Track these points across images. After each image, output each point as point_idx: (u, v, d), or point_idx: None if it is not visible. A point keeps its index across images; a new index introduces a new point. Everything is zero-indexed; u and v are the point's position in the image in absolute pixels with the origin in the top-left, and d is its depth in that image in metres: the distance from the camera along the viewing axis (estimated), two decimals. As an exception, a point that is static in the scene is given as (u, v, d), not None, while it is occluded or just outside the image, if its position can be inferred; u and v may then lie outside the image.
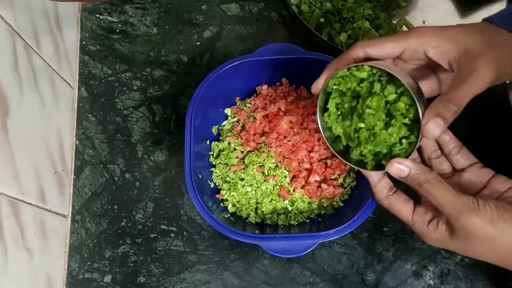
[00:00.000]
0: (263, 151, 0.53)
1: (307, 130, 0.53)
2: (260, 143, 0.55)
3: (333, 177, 0.54)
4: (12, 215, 0.46)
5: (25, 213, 0.48)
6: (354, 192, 0.54)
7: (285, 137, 0.54)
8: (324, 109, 0.45)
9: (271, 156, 0.53)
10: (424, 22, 0.64)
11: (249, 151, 0.55)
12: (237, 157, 0.55)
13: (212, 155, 0.57)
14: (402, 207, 0.42)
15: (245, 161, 0.54)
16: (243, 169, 0.54)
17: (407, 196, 0.43)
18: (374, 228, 0.57)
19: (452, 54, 0.40)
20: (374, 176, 0.43)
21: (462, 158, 0.45)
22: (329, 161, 0.54)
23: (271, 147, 0.53)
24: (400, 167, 0.39)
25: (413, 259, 0.56)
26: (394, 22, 0.65)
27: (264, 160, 0.53)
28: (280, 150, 0.53)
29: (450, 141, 0.45)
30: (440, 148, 0.46)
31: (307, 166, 0.53)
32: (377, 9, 0.64)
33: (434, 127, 0.36)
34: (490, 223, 0.36)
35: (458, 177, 0.45)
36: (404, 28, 0.65)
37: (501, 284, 0.55)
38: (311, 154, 0.53)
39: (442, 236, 0.40)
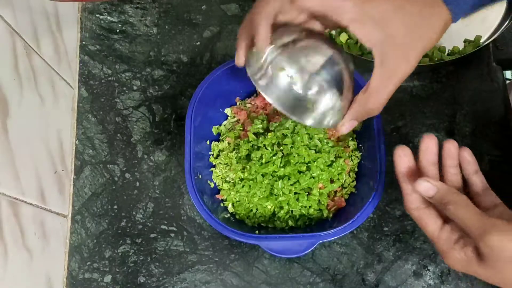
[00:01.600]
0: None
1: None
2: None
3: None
4: (12, 215, 0.46)
5: (25, 213, 0.48)
6: (354, 192, 0.54)
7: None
8: None
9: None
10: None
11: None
12: (237, 157, 0.55)
13: (212, 155, 0.57)
14: (430, 222, 0.40)
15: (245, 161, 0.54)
16: (243, 169, 0.54)
17: (438, 213, 0.41)
18: (374, 228, 0.57)
19: (375, 38, 0.38)
20: (409, 185, 0.41)
21: (478, 179, 0.43)
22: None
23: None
24: (428, 185, 0.38)
25: (413, 259, 0.56)
26: (394, 22, 0.65)
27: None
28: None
29: (472, 163, 0.43)
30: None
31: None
32: (377, 9, 0.64)
33: (348, 129, 0.42)
34: None
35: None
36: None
37: (501, 284, 0.55)
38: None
39: (468, 258, 0.37)
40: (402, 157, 0.41)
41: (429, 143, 0.41)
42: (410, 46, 0.38)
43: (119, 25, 0.67)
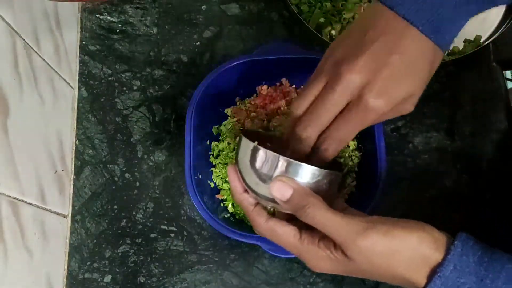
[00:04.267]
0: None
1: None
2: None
3: None
4: (12, 215, 0.46)
5: (25, 213, 0.48)
6: (354, 192, 0.54)
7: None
8: None
9: None
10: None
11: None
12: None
13: (212, 155, 0.57)
14: (287, 228, 0.37)
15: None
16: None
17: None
18: (374, 228, 0.57)
19: None
20: (250, 199, 0.39)
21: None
22: None
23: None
24: (285, 186, 0.36)
25: (413, 259, 0.56)
26: (394, 22, 0.65)
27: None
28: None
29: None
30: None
31: None
32: (377, 9, 0.64)
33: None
34: (388, 235, 0.33)
35: None
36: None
37: None
38: None
39: (341, 258, 0.35)
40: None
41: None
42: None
43: (119, 25, 0.67)
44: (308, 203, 0.35)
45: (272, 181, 0.36)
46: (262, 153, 0.37)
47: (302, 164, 0.36)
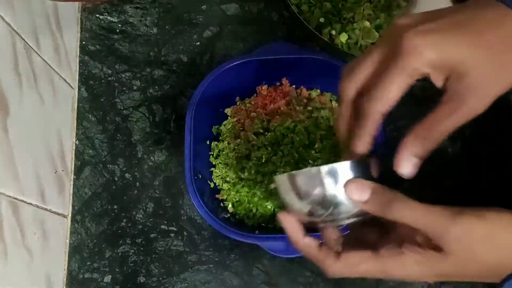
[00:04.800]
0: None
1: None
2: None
3: None
4: (12, 215, 0.46)
5: (25, 213, 0.48)
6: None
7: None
8: None
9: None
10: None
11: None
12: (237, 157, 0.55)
13: (212, 155, 0.57)
14: (360, 253, 0.33)
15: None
16: (243, 169, 0.54)
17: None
18: (374, 228, 0.57)
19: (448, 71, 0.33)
20: (313, 242, 0.35)
21: None
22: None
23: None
24: (359, 187, 0.33)
25: (413, 259, 0.56)
26: (394, 22, 0.65)
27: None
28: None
29: None
30: None
31: None
32: (377, 9, 0.64)
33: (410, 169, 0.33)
34: (481, 218, 0.30)
35: None
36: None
37: (500, 285, 0.55)
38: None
39: (433, 256, 0.31)
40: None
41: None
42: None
43: (119, 25, 0.67)
44: (390, 197, 0.32)
45: (345, 186, 0.33)
46: (300, 176, 0.34)
47: (343, 162, 0.34)
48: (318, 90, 0.59)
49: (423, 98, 0.62)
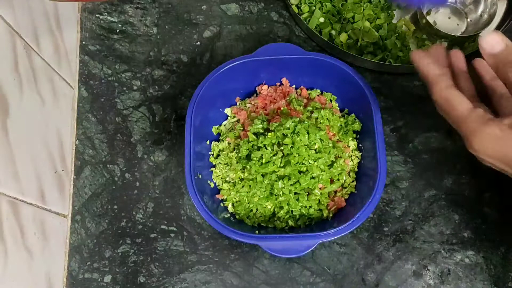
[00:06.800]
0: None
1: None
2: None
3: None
4: (12, 215, 0.46)
5: (25, 213, 0.48)
6: (354, 192, 0.54)
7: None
8: None
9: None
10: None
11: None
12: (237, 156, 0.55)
13: (212, 155, 0.57)
14: (460, 100, 0.37)
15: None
16: (243, 169, 0.54)
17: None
18: (374, 228, 0.57)
19: None
20: (438, 67, 0.40)
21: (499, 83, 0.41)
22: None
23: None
24: (497, 38, 0.36)
25: (413, 259, 0.56)
26: (394, 22, 0.65)
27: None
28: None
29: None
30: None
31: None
32: (377, 9, 0.64)
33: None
34: None
35: None
36: (404, 28, 0.65)
37: (501, 284, 0.55)
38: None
39: (505, 133, 0.34)
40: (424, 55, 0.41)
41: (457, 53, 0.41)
42: None
43: (119, 25, 0.67)
44: None
45: (487, 34, 0.36)
46: None
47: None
48: (318, 90, 0.59)
49: (423, 98, 0.62)
